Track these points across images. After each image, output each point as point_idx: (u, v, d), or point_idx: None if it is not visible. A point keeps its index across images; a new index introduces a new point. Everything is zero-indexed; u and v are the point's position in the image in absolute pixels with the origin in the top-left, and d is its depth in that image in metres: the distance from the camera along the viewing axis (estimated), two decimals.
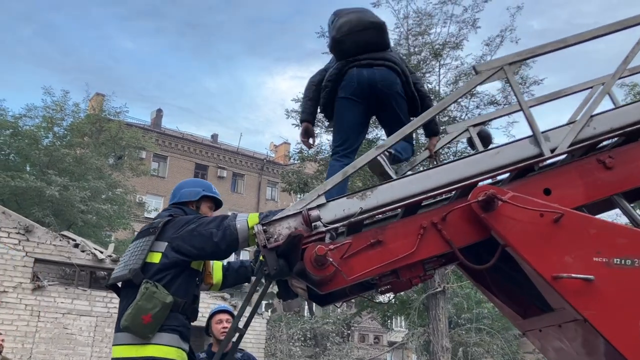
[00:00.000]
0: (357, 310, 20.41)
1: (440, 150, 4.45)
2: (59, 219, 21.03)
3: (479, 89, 18.84)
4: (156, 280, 3.18)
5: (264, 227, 3.15)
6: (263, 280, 3.89)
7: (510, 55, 3.44)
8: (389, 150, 3.71)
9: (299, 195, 20.10)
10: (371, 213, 3.20)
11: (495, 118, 3.95)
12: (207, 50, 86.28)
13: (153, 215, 36.78)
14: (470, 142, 4.35)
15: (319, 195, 3.23)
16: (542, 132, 3.32)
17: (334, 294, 3.85)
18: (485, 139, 4.33)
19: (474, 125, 4.21)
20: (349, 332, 30.80)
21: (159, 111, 43.31)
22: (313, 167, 18.63)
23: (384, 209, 3.20)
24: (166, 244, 3.29)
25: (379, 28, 3.98)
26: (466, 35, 18.25)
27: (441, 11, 18.42)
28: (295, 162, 19.59)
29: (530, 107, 3.44)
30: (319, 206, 3.18)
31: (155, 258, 3.26)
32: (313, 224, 3.10)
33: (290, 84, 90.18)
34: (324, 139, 18.45)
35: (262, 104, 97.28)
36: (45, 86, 26.54)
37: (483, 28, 19.37)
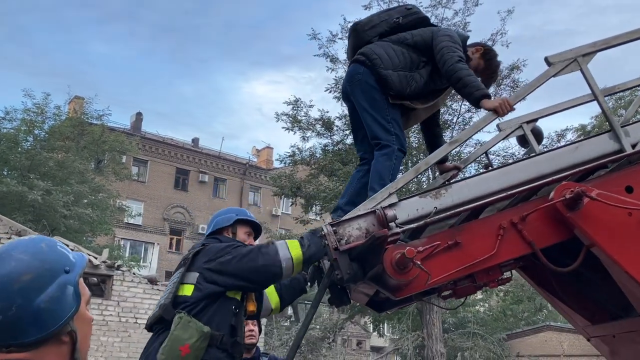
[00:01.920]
0: (348, 315, 20.17)
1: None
2: (40, 224, 20.41)
3: None
4: (187, 312, 2.92)
5: (334, 228, 2.92)
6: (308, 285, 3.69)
7: (584, 46, 3.27)
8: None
9: (290, 200, 19.86)
10: (447, 213, 2.98)
11: (554, 113, 3.77)
12: (182, 55, 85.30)
13: (134, 220, 36.21)
14: (522, 139, 4.15)
15: (390, 194, 3.01)
16: (622, 127, 3.15)
17: (390, 301, 3.64)
18: (538, 136, 4.14)
19: (528, 122, 4.02)
20: (334, 337, 30.54)
21: (139, 115, 42.54)
22: (305, 171, 18.37)
23: (461, 209, 2.98)
24: (197, 274, 3.04)
25: (351, 31, 3.89)
26: None
27: (432, 14, 18.45)
28: (286, 165, 19.30)
29: (606, 96, 3.26)
30: (390, 205, 2.96)
31: (187, 290, 3.01)
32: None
33: (266, 88, 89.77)
34: (315, 142, 18.35)
35: (239, 109, 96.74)
36: (26, 89, 25.79)
37: (474, 32, 19.36)
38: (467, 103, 18.49)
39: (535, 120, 4.09)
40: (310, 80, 71.99)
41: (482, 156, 5.27)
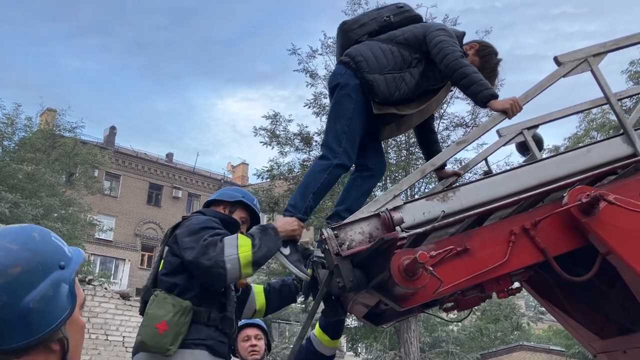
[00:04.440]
0: None
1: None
2: None
3: (449, 110, 19.02)
4: (168, 290, 2.76)
5: (335, 232, 2.70)
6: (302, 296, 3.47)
7: (594, 46, 3.14)
8: None
9: (267, 215, 19.54)
10: (455, 217, 2.79)
11: (557, 119, 3.63)
12: (156, 70, 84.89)
13: (105, 236, 35.36)
14: (521, 146, 4.01)
15: (394, 197, 2.81)
16: (635, 130, 3.01)
17: (389, 313, 3.43)
18: (538, 143, 4.01)
19: (529, 128, 3.88)
20: None
21: (113, 129, 41.92)
22: (283, 186, 18.14)
23: (471, 213, 2.79)
24: (168, 248, 2.91)
25: (339, 30, 3.62)
26: None
27: None
28: (263, 180, 19.05)
29: (619, 100, 3.13)
30: (395, 208, 2.76)
31: (161, 266, 2.89)
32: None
33: (240, 105, 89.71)
34: (294, 157, 18.12)
35: (213, 125, 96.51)
36: None
37: None
38: (444, 122, 18.70)
39: (537, 126, 3.96)
40: (284, 98, 72.21)
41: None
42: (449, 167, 3.75)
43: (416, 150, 18.40)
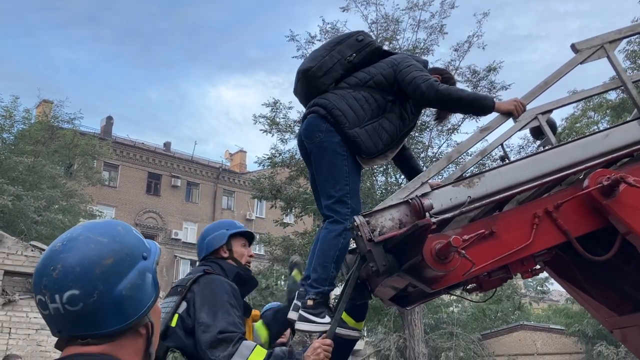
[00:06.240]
0: None
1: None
2: (9, 230, 19.79)
3: None
4: (181, 350, 2.78)
5: (367, 219, 2.81)
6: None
7: (610, 33, 3.24)
8: None
9: (268, 203, 19.66)
10: (481, 203, 2.91)
11: (571, 103, 3.73)
12: (147, 59, 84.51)
13: None
14: (536, 131, 4.11)
15: (422, 183, 2.92)
16: None
17: (414, 295, 3.55)
18: (552, 127, 4.11)
19: (543, 113, 3.98)
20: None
21: (109, 119, 41.76)
22: (284, 173, 18.23)
23: (495, 198, 2.91)
24: (185, 305, 2.86)
25: (302, 77, 3.39)
26: (436, 40, 18.39)
27: (409, 17, 18.52)
28: (264, 167, 19.14)
29: (634, 81, 3.23)
30: (424, 195, 2.87)
31: (174, 322, 2.84)
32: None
33: (233, 92, 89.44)
34: (295, 144, 18.20)
35: (206, 113, 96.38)
36: None
37: (452, 34, 19.50)
38: None
39: (551, 111, 4.05)
40: (278, 84, 71.99)
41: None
42: (473, 153, 3.85)
43: (415, 134, 18.53)
